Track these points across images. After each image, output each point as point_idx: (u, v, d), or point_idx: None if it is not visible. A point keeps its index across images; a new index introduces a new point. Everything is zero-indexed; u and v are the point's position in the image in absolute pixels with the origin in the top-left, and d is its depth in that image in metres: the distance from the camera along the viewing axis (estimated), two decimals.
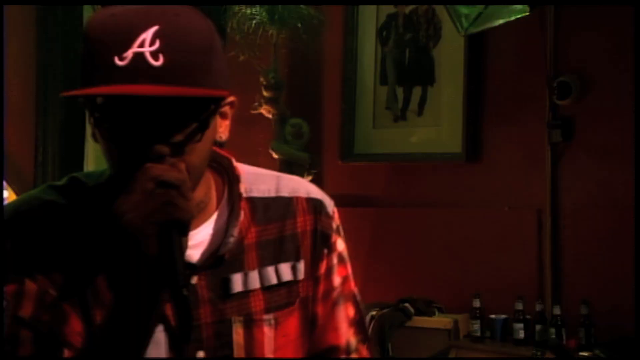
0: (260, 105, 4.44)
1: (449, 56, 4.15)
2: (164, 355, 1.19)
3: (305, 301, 1.31)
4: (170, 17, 1.11)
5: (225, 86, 1.18)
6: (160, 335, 1.18)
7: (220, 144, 1.25)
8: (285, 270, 1.29)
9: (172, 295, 1.09)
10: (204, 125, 1.14)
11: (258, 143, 4.75)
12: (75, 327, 1.14)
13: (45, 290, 1.14)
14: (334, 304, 1.35)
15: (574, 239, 3.82)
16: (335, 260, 1.36)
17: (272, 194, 1.34)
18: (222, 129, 1.22)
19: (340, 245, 1.37)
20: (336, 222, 1.37)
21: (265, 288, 1.27)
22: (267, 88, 4.39)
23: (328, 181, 4.54)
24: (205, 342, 1.22)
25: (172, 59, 1.09)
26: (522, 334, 3.70)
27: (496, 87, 4.09)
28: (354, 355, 1.37)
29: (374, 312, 3.86)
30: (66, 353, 1.13)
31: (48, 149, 4.31)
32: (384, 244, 4.26)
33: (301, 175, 4.40)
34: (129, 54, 1.09)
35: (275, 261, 1.28)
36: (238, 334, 1.24)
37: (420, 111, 4.25)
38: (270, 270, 1.27)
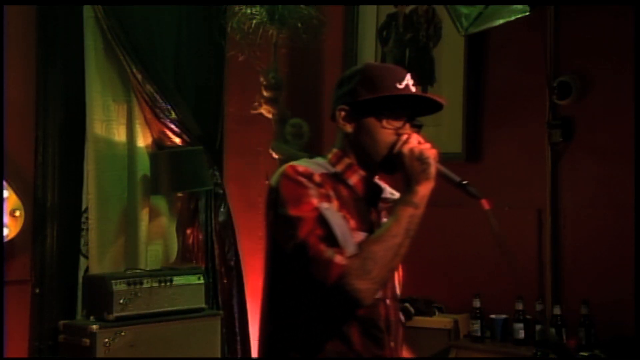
0: (260, 105, 4.44)
1: (449, 56, 4.15)
2: None
3: None
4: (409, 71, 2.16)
5: None
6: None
7: None
8: None
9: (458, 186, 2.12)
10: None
11: (258, 143, 4.75)
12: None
13: (331, 200, 2.03)
14: None
15: (574, 239, 3.82)
16: None
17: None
18: None
19: None
20: None
21: None
22: (267, 88, 4.39)
23: None
24: None
25: (417, 89, 2.15)
26: (522, 334, 3.71)
27: (496, 87, 4.09)
28: None
29: None
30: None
31: (48, 149, 4.31)
32: None
33: None
34: (404, 83, 2.10)
35: None
36: None
37: None
38: None
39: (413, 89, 2.11)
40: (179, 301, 4.15)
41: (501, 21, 3.67)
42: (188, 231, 4.57)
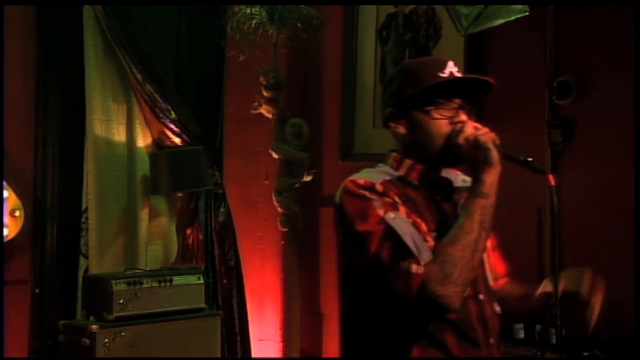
0: (260, 105, 4.44)
1: (449, 56, 4.12)
2: None
3: None
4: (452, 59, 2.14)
5: None
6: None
7: None
8: None
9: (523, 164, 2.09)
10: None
11: (258, 143, 4.75)
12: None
13: (397, 207, 1.97)
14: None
15: (574, 239, 3.82)
16: None
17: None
18: None
19: None
20: None
21: None
22: (267, 88, 4.39)
23: (328, 181, 4.54)
24: None
25: (463, 74, 2.10)
26: (522, 334, 3.70)
27: (496, 87, 4.08)
28: None
29: None
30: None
31: (48, 149, 4.31)
32: None
33: (301, 175, 4.40)
34: (447, 71, 2.07)
35: None
36: None
37: None
38: None
39: (458, 75, 2.08)
40: (179, 301, 4.15)
41: (501, 21, 3.67)
42: (188, 231, 4.57)
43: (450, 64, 2.09)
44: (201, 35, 4.72)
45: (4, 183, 4.06)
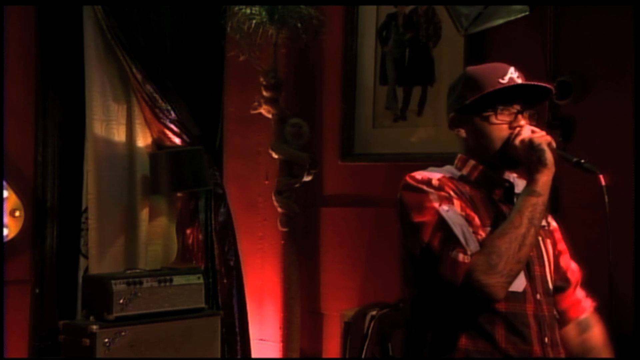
0: (260, 105, 4.44)
1: (449, 56, 4.15)
2: None
3: None
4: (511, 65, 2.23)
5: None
6: None
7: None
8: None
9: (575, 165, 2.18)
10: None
11: (258, 143, 4.75)
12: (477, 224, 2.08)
13: (452, 201, 2.08)
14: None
15: (574, 239, 3.81)
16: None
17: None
18: None
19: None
20: None
21: None
22: (267, 88, 4.39)
23: (328, 181, 4.54)
24: None
25: (523, 80, 2.18)
26: None
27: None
28: None
29: (374, 312, 3.86)
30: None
31: (48, 149, 4.32)
32: (384, 244, 4.26)
33: (301, 175, 4.40)
34: (507, 77, 2.15)
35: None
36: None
37: (420, 111, 4.25)
38: None
39: (518, 81, 2.17)
40: (179, 301, 4.15)
41: (501, 21, 3.67)
42: (188, 231, 4.57)
43: (511, 70, 2.19)
44: (201, 35, 4.72)
45: (4, 183, 4.06)
